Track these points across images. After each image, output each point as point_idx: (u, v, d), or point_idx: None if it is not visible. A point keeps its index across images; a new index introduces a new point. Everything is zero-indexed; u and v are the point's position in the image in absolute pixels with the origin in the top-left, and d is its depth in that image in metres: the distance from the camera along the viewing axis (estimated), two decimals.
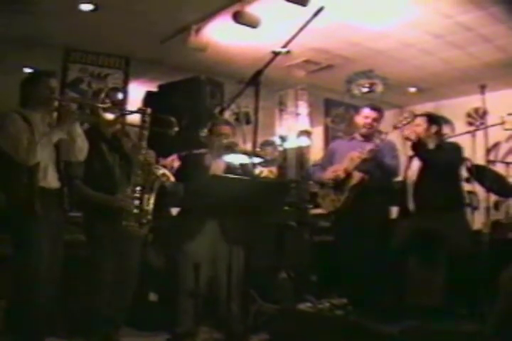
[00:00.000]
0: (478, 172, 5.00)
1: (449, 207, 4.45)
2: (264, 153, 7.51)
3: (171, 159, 4.04)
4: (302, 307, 4.97)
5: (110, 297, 3.57)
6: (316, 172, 5.12)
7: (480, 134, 5.27)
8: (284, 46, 2.82)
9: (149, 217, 3.60)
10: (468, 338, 3.41)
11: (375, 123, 4.82)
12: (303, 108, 8.03)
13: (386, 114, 5.02)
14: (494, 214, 5.48)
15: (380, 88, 6.91)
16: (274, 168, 8.02)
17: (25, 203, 3.17)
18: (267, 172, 7.98)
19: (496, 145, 7.52)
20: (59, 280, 3.34)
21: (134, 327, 4.15)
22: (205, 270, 3.87)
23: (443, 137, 4.81)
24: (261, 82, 2.67)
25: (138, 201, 3.56)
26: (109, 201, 3.56)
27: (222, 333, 4.01)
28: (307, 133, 7.84)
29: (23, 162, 3.15)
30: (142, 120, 3.65)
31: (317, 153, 7.70)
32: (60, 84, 6.17)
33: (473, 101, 6.86)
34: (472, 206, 5.22)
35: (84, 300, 3.60)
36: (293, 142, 7.87)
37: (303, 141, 7.80)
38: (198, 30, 5.83)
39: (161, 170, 3.67)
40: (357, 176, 4.56)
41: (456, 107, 8.26)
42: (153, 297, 4.61)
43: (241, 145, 4.16)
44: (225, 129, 4.17)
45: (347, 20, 5.55)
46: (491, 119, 5.87)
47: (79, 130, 3.41)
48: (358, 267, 4.50)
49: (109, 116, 3.59)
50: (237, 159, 4.25)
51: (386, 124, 4.94)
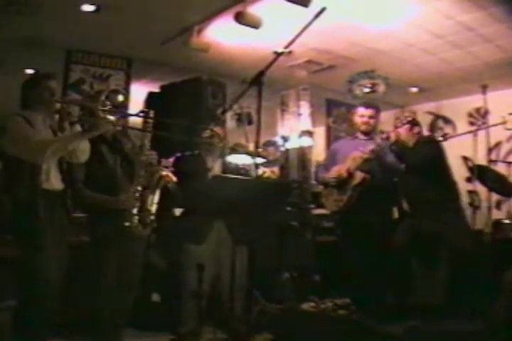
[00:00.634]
0: (480, 172, 5.00)
1: (440, 203, 4.45)
2: (267, 154, 7.52)
3: (172, 160, 4.05)
4: (305, 307, 4.99)
5: (113, 298, 3.58)
6: (319, 172, 5.13)
7: (481, 134, 5.27)
8: (286, 46, 2.82)
9: (152, 218, 3.60)
10: (471, 338, 3.41)
11: (372, 121, 4.81)
12: (305, 108, 8.04)
13: (388, 114, 5.03)
14: (496, 214, 5.48)
15: (381, 88, 6.91)
16: (276, 169, 8.04)
17: (28, 205, 3.17)
18: (269, 172, 7.99)
19: (498, 144, 7.53)
20: (64, 281, 3.35)
21: (137, 327, 4.16)
22: (209, 270, 3.89)
23: (422, 135, 4.81)
24: (263, 82, 2.67)
25: (141, 202, 3.56)
26: (111, 203, 3.55)
27: (225, 333, 4.02)
28: (309, 134, 7.85)
29: (33, 161, 3.15)
30: (144, 121, 3.66)
31: (319, 153, 7.71)
32: (62, 85, 6.20)
33: (474, 100, 6.88)
34: (474, 205, 5.20)
35: (86, 300, 3.60)
36: (295, 142, 7.88)
37: (305, 141, 7.80)
38: (199, 31, 5.83)
39: (164, 172, 3.68)
40: (359, 176, 4.57)
41: (458, 107, 8.26)
42: (155, 297, 4.62)
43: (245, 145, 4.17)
44: (218, 131, 4.19)
45: (349, 20, 5.55)
46: (492, 119, 5.85)
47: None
48: (361, 267, 4.50)
49: (110, 117, 3.59)
50: (239, 159, 4.27)
51: (388, 124, 4.95)
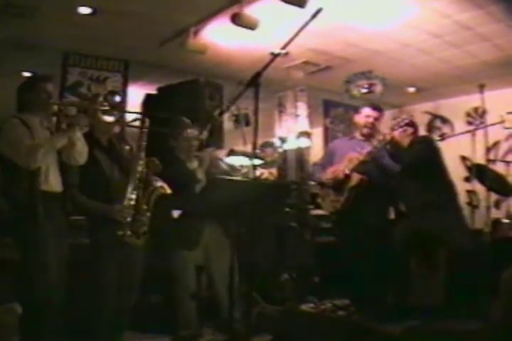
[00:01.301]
0: (479, 172, 5.01)
1: (436, 203, 4.44)
2: (264, 155, 7.53)
3: None
4: (304, 308, 4.98)
5: (114, 301, 3.57)
6: (316, 172, 5.12)
7: (480, 133, 5.29)
8: (282, 48, 2.81)
9: (145, 228, 3.59)
10: (470, 337, 3.41)
11: (376, 123, 4.79)
12: (302, 109, 8.03)
13: (385, 114, 5.02)
14: (495, 213, 5.49)
15: (379, 88, 6.92)
16: (274, 170, 8.04)
17: (26, 207, 3.17)
18: (267, 173, 8.00)
19: (496, 144, 7.54)
20: (65, 283, 3.34)
21: (137, 329, 4.15)
22: (208, 271, 3.90)
23: (417, 136, 4.80)
24: (260, 83, 2.67)
25: (135, 211, 3.54)
26: (106, 211, 3.52)
27: (224, 335, 4.02)
28: (307, 135, 7.83)
29: (26, 166, 3.15)
30: (140, 131, 3.66)
31: (317, 154, 7.68)
32: (59, 88, 6.20)
33: (472, 100, 6.86)
34: (472, 205, 5.21)
35: (87, 303, 3.59)
36: (293, 143, 7.86)
37: (303, 142, 7.79)
38: (196, 33, 5.83)
39: (159, 183, 3.67)
40: (356, 177, 4.55)
41: (456, 107, 8.27)
42: (155, 299, 4.61)
43: (239, 147, 4.17)
44: (192, 133, 4.18)
45: (345, 21, 5.55)
46: (490, 118, 5.86)
47: (78, 133, 3.38)
48: (360, 267, 4.50)
49: (108, 119, 3.58)
50: (237, 161, 4.27)
51: (385, 124, 4.95)
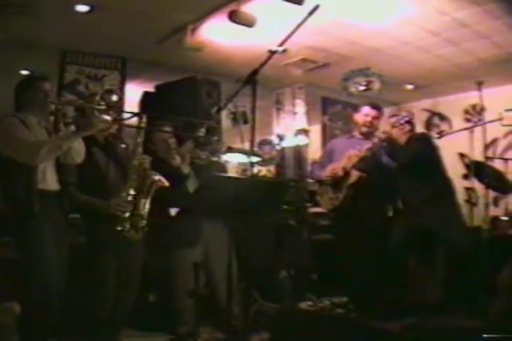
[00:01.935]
0: (477, 169, 4.99)
1: (433, 200, 4.44)
2: (262, 153, 7.53)
3: None
4: (303, 306, 4.98)
5: (113, 299, 3.56)
6: (315, 170, 5.11)
7: (478, 131, 5.28)
8: (280, 45, 2.80)
9: (144, 222, 3.58)
10: (469, 335, 3.41)
11: (375, 122, 4.79)
12: (300, 106, 8.04)
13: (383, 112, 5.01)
14: (493, 211, 5.48)
15: (377, 86, 6.91)
16: (272, 167, 8.05)
17: (24, 206, 3.15)
18: (265, 171, 8.00)
19: (494, 141, 7.55)
20: (64, 282, 3.33)
21: (134, 327, 4.15)
22: (206, 269, 3.89)
23: (414, 133, 4.79)
24: (258, 81, 2.65)
25: (133, 206, 3.53)
26: (103, 207, 3.51)
27: (223, 333, 4.01)
28: (305, 132, 7.85)
29: (28, 161, 3.13)
30: (138, 126, 3.65)
31: (315, 151, 7.71)
32: (57, 86, 6.18)
33: (470, 97, 6.89)
34: (471, 202, 5.20)
35: (85, 302, 3.59)
36: (291, 141, 7.88)
37: (301, 140, 7.80)
38: (194, 30, 5.82)
39: (157, 176, 3.65)
40: (355, 174, 4.55)
41: (454, 104, 8.26)
42: (152, 297, 4.61)
43: (237, 144, 4.14)
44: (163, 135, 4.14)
45: (343, 18, 5.54)
46: (488, 115, 5.86)
47: None
48: (358, 265, 4.50)
49: (106, 118, 3.57)
50: (235, 158, 4.26)
51: (383, 121, 4.94)
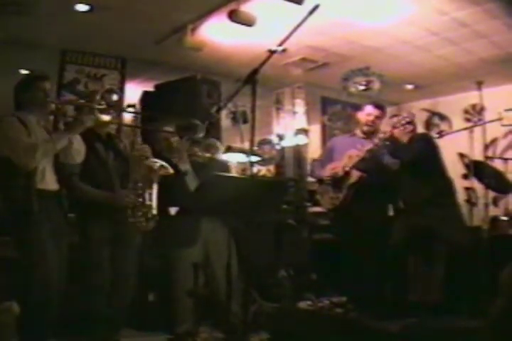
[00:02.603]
0: (477, 169, 4.99)
1: (433, 200, 4.43)
2: (262, 152, 7.52)
3: None
4: (302, 305, 4.97)
5: (110, 298, 3.56)
6: (315, 169, 5.11)
7: (478, 130, 5.28)
8: (280, 44, 2.80)
9: (154, 212, 3.57)
10: (469, 335, 3.40)
11: (378, 121, 4.80)
12: (300, 106, 8.03)
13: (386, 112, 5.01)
14: (493, 211, 5.48)
15: (376, 85, 6.90)
16: (272, 167, 8.04)
17: (23, 205, 3.15)
18: (264, 171, 8.00)
19: (494, 141, 7.54)
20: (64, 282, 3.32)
21: (133, 327, 4.15)
22: (206, 268, 3.87)
23: (416, 133, 4.79)
24: (257, 80, 2.65)
25: (140, 197, 3.52)
26: (109, 198, 3.52)
27: (222, 332, 4.01)
28: (304, 132, 7.84)
29: (23, 165, 3.13)
30: (134, 117, 3.73)
31: (315, 151, 7.70)
32: (56, 86, 6.18)
33: (470, 97, 6.88)
34: (471, 202, 5.20)
35: (83, 301, 3.58)
36: (290, 140, 7.87)
37: (300, 139, 7.79)
38: (193, 30, 5.82)
39: (158, 163, 3.63)
40: (355, 175, 4.54)
41: (454, 104, 8.26)
42: (151, 297, 4.61)
43: (237, 144, 4.13)
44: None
45: (343, 17, 5.54)
46: (488, 115, 5.86)
47: None
48: (358, 265, 4.49)
49: (105, 117, 3.57)
50: (235, 158, 4.25)
51: (383, 122, 4.93)
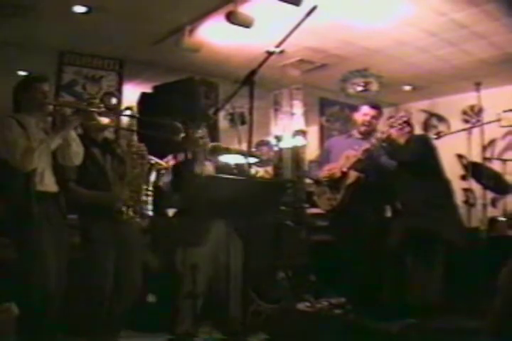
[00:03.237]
0: (475, 170, 5.00)
1: (431, 201, 4.43)
2: (260, 153, 7.52)
3: (165, 160, 4.03)
4: (301, 306, 4.96)
5: (112, 299, 3.55)
6: (313, 169, 5.10)
7: (476, 131, 5.29)
8: (278, 46, 2.79)
9: (150, 209, 3.59)
10: (468, 335, 3.40)
11: (374, 121, 4.79)
12: (298, 107, 8.03)
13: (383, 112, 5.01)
14: (491, 211, 5.49)
15: (374, 86, 6.91)
16: (270, 168, 8.03)
17: (22, 207, 3.14)
18: (262, 172, 7.99)
19: (492, 142, 7.54)
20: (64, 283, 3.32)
21: (132, 328, 4.14)
22: (207, 271, 3.87)
23: (413, 134, 4.79)
24: (255, 82, 2.65)
25: (135, 193, 3.56)
26: (106, 198, 3.55)
27: (221, 333, 4.01)
28: (302, 133, 7.84)
29: (20, 167, 3.13)
30: (131, 119, 3.79)
31: (313, 152, 7.71)
32: (54, 87, 6.18)
33: (468, 98, 6.88)
34: (469, 203, 5.21)
35: (85, 302, 3.58)
36: (288, 142, 7.86)
37: (298, 141, 7.79)
38: (191, 31, 5.81)
39: (153, 160, 3.68)
40: (353, 175, 4.54)
41: (452, 105, 8.26)
42: (151, 298, 4.60)
43: (234, 145, 4.14)
44: (198, 133, 4.17)
45: (341, 19, 5.53)
46: (486, 116, 5.88)
47: (73, 134, 3.39)
48: (357, 266, 4.49)
49: (104, 120, 3.58)
50: (232, 159, 4.25)
51: (381, 123, 4.94)
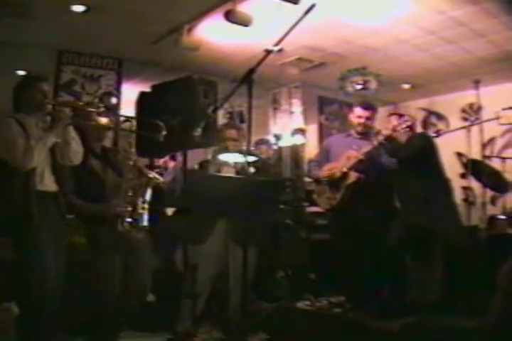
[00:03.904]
0: (474, 168, 5.00)
1: (430, 199, 4.43)
2: (259, 152, 7.51)
3: (163, 160, 4.04)
4: (300, 305, 4.97)
5: (119, 301, 3.54)
6: (312, 168, 5.10)
7: (475, 129, 5.29)
8: (276, 44, 2.78)
9: (145, 222, 3.57)
10: (468, 334, 3.41)
11: (369, 122, 4.78)
12: (297, 106, 8.03)
13: (380, 111, 5.00)
14: (491, 210, 5.49)
15: (373, 85, 6.91)
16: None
17: (22, 207, 3.14)
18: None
19: (492, 140, 7.54)
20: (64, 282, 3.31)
21: (132, 327, 4.14)
22: (210, 269, 3.86)
23: (414, 132, 4.79)
24: (254, 80, 2.65)
25: (132, 206, 3.54)
26: (104, 210, 3.53)
27: (221, 332, 4.01)
28: (301, 131, 7.84)
29: (20, 166, 3.12)
30: (130, 128, 3.76)
31: (312, 150, 7.70)
32: (53, 86, 6.17)
33: (467, 96, 6.88)
34: (469, 201, 5.20)
35: (86, 302, 3.57)
36: (287, 140, 7.87)
37: (297, 139, 7.79)
38: (190, 30, 5.81)
39: (151, 174, 3.66)
40: (353, 175, 4.53)
41: (451, 103, 8.26)
42: (150, 298, 4.60)
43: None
44: (231, 134, 4.15)
45: (339, 17, 5.53)
46: (485, 114, 5.87)
47: (73, 133, 3.37)
48: (356, 265, 4.49)
49: (103, 120, 3.57)
50: (231, 158, 4.24)
51: (381, 122, 4.93)
